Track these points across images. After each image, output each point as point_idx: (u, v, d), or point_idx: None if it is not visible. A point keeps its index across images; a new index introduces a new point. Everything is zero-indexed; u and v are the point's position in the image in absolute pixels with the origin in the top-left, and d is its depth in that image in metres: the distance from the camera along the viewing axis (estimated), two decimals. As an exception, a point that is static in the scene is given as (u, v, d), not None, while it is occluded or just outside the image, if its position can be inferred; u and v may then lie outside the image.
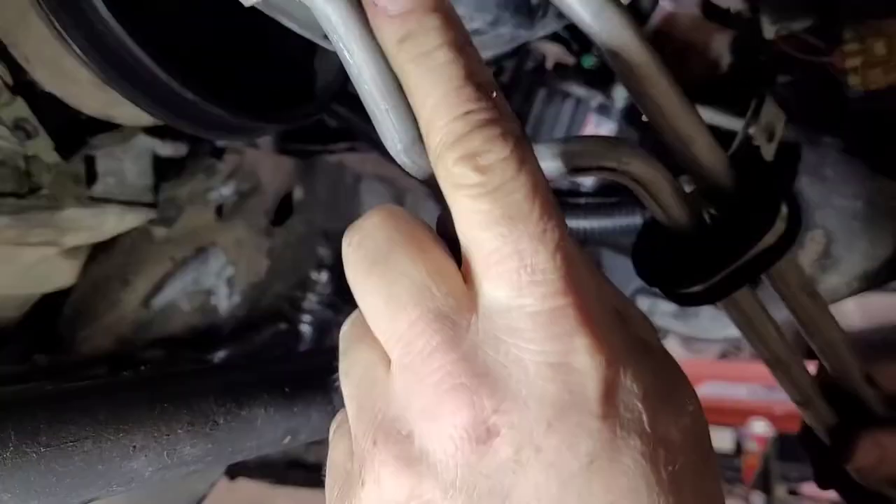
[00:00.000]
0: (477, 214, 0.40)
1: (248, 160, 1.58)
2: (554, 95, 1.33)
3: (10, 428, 0.53)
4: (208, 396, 0.65)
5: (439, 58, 0.41)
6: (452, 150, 0.40)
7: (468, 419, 0.39)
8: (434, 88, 0.41)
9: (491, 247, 0.40)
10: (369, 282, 0.44)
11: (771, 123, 0.64)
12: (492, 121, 0.40)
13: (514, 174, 0.40)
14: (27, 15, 0.88)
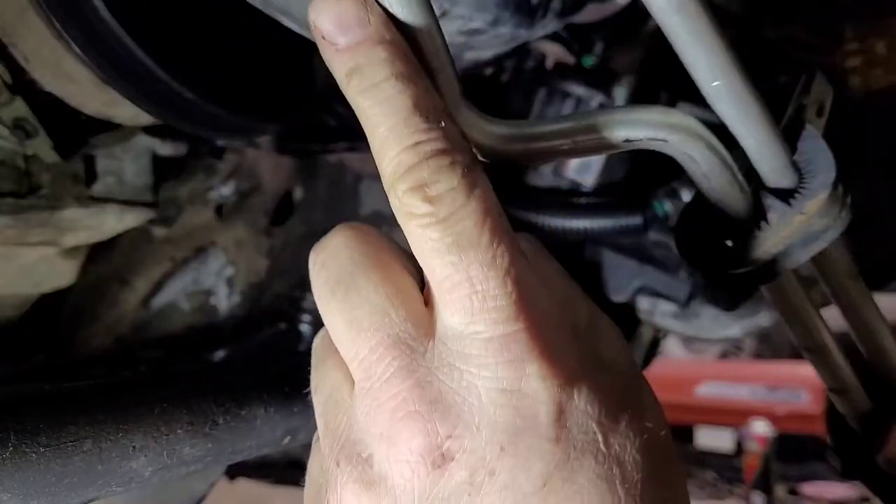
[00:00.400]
0: (428, 243, 0.41)
1: (248, 160, 1.58)
2: (554, 95, 1.33)
3: (10, 428, 0.53)
4: (208, 396, 0.65)
5: (387, 90, 0.42)
6: (403, 180, 0.41)
7: (422, 445, 0.41)
8: (383, 120, 0.42)
9: (443, 274, 0.42)
10: (332, 303, 0.47)
11: (821, 98, 0.62)
12: (440, 151, 0.41)
13: (463, 202, 0.41)
14: (26, 14, 0.88)
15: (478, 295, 0.41)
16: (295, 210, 1.78)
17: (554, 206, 1.22)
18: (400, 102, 0.42)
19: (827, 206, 0.56)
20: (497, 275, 0.41)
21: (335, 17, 0.43)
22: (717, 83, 0.52)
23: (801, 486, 4.70)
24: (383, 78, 0.42)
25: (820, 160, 0.57)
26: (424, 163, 0.41)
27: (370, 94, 0.43)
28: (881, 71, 1.09)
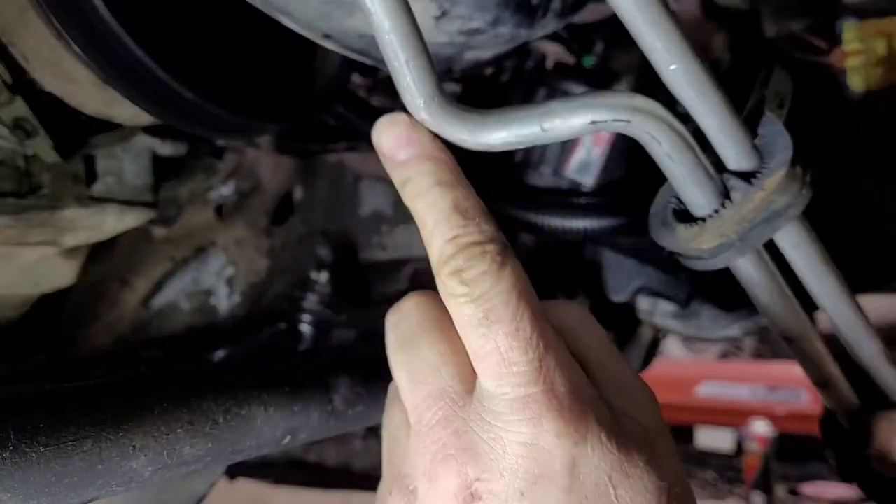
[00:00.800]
0: (464, 317, 0.51)
1: (248, 160, 1.58)
2: (554, 95, 1.33)
3: (10, 428, 0.53)
4: (208, 396, 0.65)
5: (432, 195, 0.54)
6: (444, 266, 0.52)
7: (456, 485, 0.49)
8: (430, 218, 0.53)
9: (476, 344, 0.51)
10: (399, 357, 0.56)
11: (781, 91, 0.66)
12: (474, 242, 0.52)
13: (493, 284, 0.50)
14: (26, 14, 0.88)
15: (504, 362, 0.49)
16: (295, 210, 1.78)
17: (554, 206, 1.22)
18: (442, 205, 0.53)
19: (786, 184, 0.59)
20: (520, 345, 0.49)
21: (392, 139, 0.56)
22: (674, 66, 0.55)
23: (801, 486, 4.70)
24: (429, 186, 0.54)
25: (779, 142, 0.60)
26: (461, 252, 0.51)
27: (420, 199, 0.54)
28: (881, 70, 1.10)
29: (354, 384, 0.77)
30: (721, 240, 0.61)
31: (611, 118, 0.54)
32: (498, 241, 0.53)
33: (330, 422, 0.75)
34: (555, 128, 0.55)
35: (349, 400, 0.76)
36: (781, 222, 0.61)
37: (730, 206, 0.60)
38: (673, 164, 0.58)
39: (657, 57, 0.55)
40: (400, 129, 0.56)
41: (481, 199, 0.56)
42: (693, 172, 0.59)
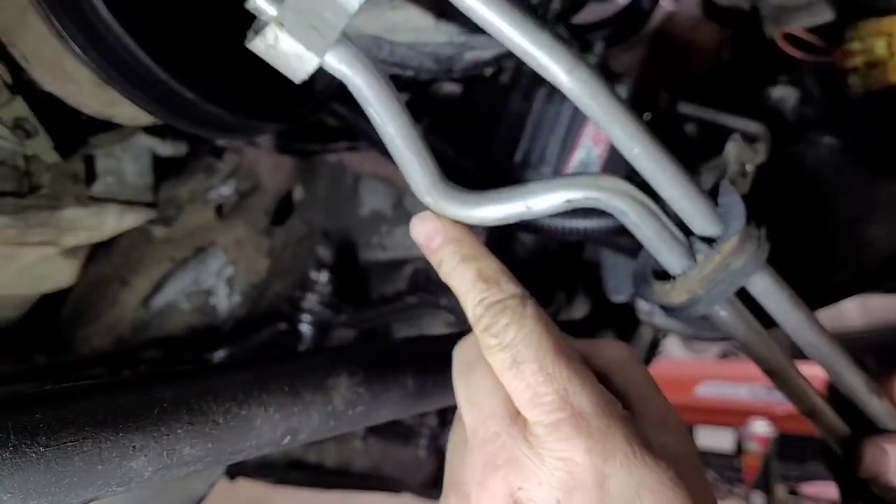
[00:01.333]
0: (498, 363, 0.61)
1: (248, 159, 1.58)
2: (554, 95, 1.33)
3: (10, 428, 0.53)
4: (208, 396, 0.65)
5: (460, 269, 0.66)
6: (477, 325, 0.63)
7: (503, 491, 0.58)
8: (461, 288, 0.65)
9: (511, 384, 0.60)
10: (460, 383, 0.67)
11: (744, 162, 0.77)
12: (496, 301, 0.63)
13: (516, 332, 0.61)
14: (26, 14, 0.88)
15: (535, 395, 0.59)
16: (295, 210, 1.78)
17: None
18: (468, 276, 0.65)
19: (740, 247, 0.68)
20: (545, 378, 0.59)
21: (423, 232, 0.68)
22: (637, 150, 0.65)
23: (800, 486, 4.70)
24: (456, 263, 0.66)
25: (734, 210, 0.69)
26: (487, 311, 0.62)
27: (451, 275, 0.66)
28: (882, 71, 1.10)
29: (354, 384, 0.77)
30: (689, 295, 0.71)
31: (582, 196, 0.65)
32: (517, 296, 0.63)
33: (330, 422, 0.75)
34: (537, 205, 0.66)
35: (349, 400, 0.76)
36: (741, 279, 0.70)
37: (694, 267, 0.69)
38: (640, 230, 0.68)
39: (620, 144, 0.65)
40: (427, 223, 0.68)
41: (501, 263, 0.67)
42: (659, 237, 0.69)
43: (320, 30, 0.57)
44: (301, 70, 0.58)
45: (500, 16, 0.60)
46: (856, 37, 1.11)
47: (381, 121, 0.62)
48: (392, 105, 0.62)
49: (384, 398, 0.80)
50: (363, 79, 0.60)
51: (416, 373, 0.84)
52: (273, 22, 0.55)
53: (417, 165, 0.64)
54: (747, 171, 0.76)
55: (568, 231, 1.23)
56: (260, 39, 0.56)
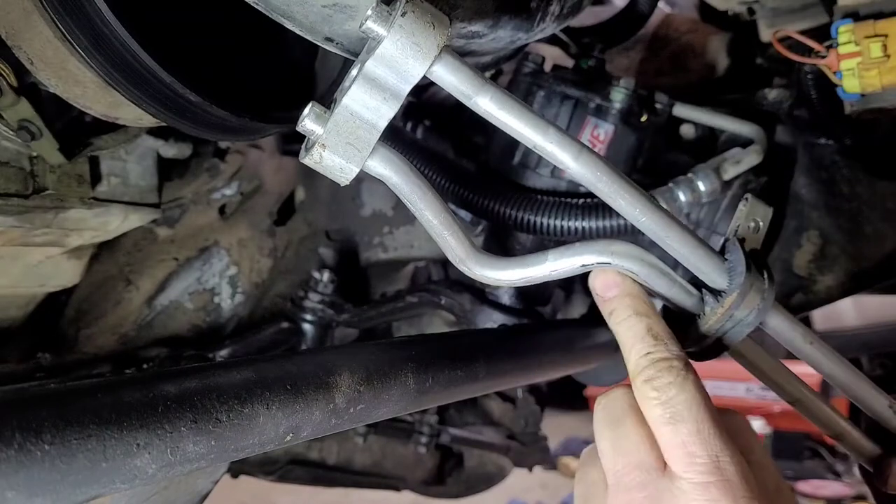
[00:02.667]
0: (655, 416, 0.65)
1: (251, 161, 1.59)
2: (552, 97, 1.34)
3: (15, 426, 0.53)
4: (211, 394, 0.65)
5: (631, 321, 0.71)
6: (639, 376, 0.67)
7: None
8: (628, 338, 0.70)
9: (665, 438, 0.64)
10: (606, 431, 0.68)
11: (757, 216, 0.80)
12: (662, 358, 0.67)
13: (677, 392, 0.64)
14: (32, 17, 0.89)
15: (689, 454, 0.62)
16: (297, 210, 1.79)
17: (553, 207, 1.23)
18: (638, 329, 0.70)
19: (742, 300, 0.73)
20: (701, 440, 0.62)
21: (602, 282, 0.74)
22: (644, 219, 0.72)
23: (796, 483, 4.70)
24: (628, 315, 0.71)
25: (738, 267, 0.74)
26: (652, 365, 0.67)
27: (621, 325, 0.71)
28: (876, 73, 1.10)
29: (355, 382, 0.77)
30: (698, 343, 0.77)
31: (596, 261, 0.73)
32: (682, 359, 0.68)
33: (331, 419, 0.76)
34: (556, 269, 0.73)
35: (350, 398, 0.76)
36: (747, 328, 0.75)
37: (702, 318, 0.75)
38: (652, 287, 0.75)
39: (627, 214, 0.72)
40: (608, 275, 0.74)
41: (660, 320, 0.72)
42: (669, 291, 0.75)
43: (357, 145, 0.67)
44: (344, 178, 0.68)
45: (516, 118, 0.70)
46: (851, 39, 1.11)
47: (418, 209, 0.71)
48: (426, 194, 0.70)
49: (385, 396, 0.81)
50: (399, 178, 0.69)
51: (416, 371, 0.85)
52: (318, 143, 0.66)
53: (454, 241, 0.72)
54: (760, 227, 0.79)
55: (566, 231, 1.24)
56: (309, 157, 0.66)
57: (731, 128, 1.39)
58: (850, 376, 0.84)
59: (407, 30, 0.64)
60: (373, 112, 0.67)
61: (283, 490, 2.24)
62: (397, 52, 0.65)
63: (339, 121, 0.66)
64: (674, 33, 1.68)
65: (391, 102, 0.67)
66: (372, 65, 0.65)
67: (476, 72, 0.69)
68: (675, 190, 1.26)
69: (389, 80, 0.66)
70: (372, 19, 0.64)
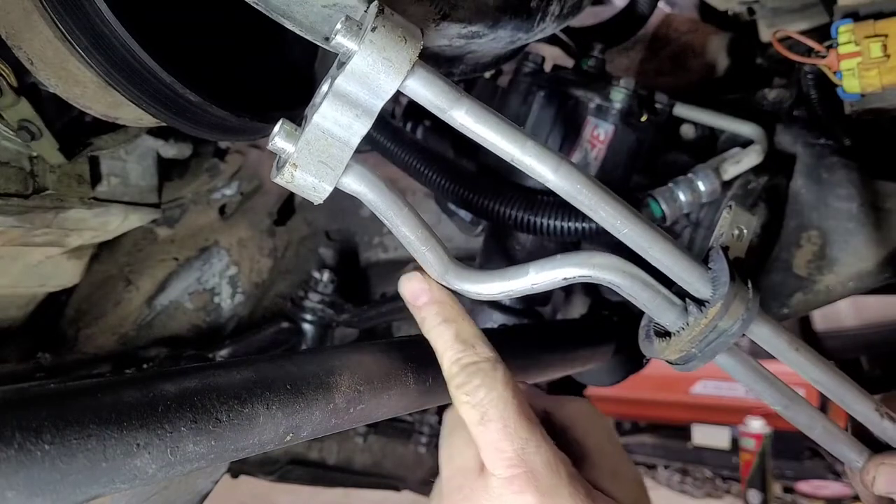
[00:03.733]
0: (468, 418, 0.68)
1: (251, 161, 1.59)
2: (552, 97, 1.34)
3: (14, 426, 0.53)
4: (211, 394, 0.65)
5: (440, 329, 0.73)
6: (451, 381, 0.70)
7: None
8: (439, 345, 0.73)
9: (479, 439, 0.67)
10: (444, 442, 0.75)
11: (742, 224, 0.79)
12: (470, 363, 0.70)
13: (486, 393, 0.68)
14: (32, 17, 0.89)
15: (496, 450, 0.66)
16: (297, 210, 1.79)
17: (552, 207, 1.23)
18: (447, 335, 0.72)
19: (724, 312, 0.73)
20: (507, 436, 0.66)
21: (409, 291, 0.75)
22: (625, 230, 0.72)
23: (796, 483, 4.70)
24: (437, 323, 0.73)
25: (721, 277, 0.74)
26: (461, 370, 0.70)
27: (431, 332, 0.73)
28: (876, 73, 1.10)
29: (356, 382, 0.77)
30: (682, 353, 0.77)
31: (577, 274, 0.72)
32: (489, 360, 0.71)
33: (331, 420, 0.76)
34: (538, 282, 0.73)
35: (350, 398, 0.76)
36: (731, 338, 0.75)
37: (686, 328, 0.74)
38: (635, 298, 0.74)
39: (608, 225, 0.73)
40: (414, 283, 0.75)
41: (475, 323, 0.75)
42: (652, 302, 0.75)
43: (329, 164, 0.67)
44: (317, 196, 0.67)
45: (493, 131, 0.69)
46: (851, 39, 1.11)
47: (394, 225, 0.71)
48: (402, 210, 0.71)
49: (385, 396, 0.81)
50: (374, 194, 0.69)
51: (416, 371, 0.85)
52: (289, 161, 0.65)
53: (432, 257, 0.73)
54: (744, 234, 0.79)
55: (566, 231, 1.24)
56: (280, 177, 0.66)
57: (731, 128, 1.39)
58: (837, 381, 0.83)
59: (378, 45, 0.63)
60: (345, 129, 0.66)
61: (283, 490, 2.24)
62: (368, 67, 0.64)
63: (310, 139, 0.66)
64: (674, 33, 1.68)
65: (363, 119, 0.66)
66: (342, 81, 0.64)
67: (450, 84, 0.68)
68: (675, 190, 1.26)
69: (361, 97, 0.65)
70: (341, 34, 0.63)
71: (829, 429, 0.86)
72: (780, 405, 0.84)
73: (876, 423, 0.85)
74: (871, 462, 0.86)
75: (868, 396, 0.84)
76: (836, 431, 0.87)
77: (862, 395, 0.84)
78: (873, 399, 0.84)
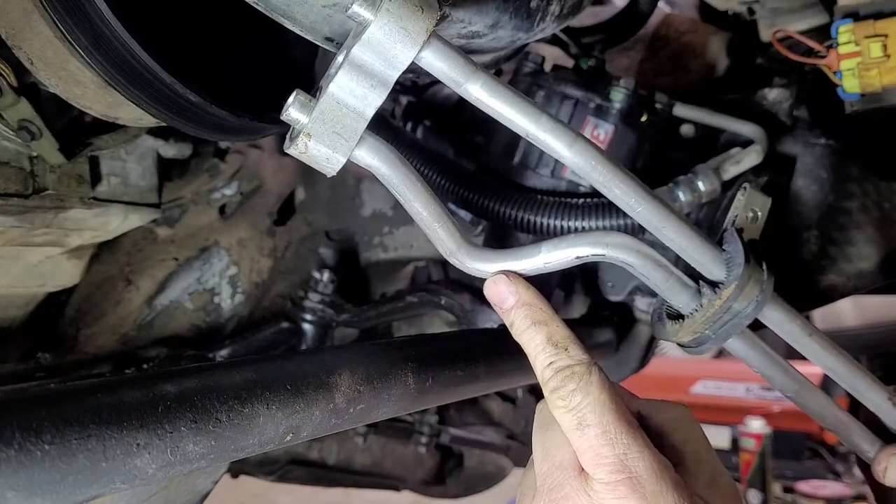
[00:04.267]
0: (565, 423, 0.67)
1: (251, 161, 1.59)
2: (552, 97, 1.34)
3: (15, 426, 0.53)
4: (211, 394, 0.66)
5: (531, 332, 0.71)
6: (546, 386, 0.69)
7: None
8: (531, 349, 0.71)
9: (576, 443, 0.66)
10: (539, 434, 0.72)
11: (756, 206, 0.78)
12: (564, 367, 0.68)
13: (583, 398, 0.66)
14: (32, 17, 0.89)
15: (597, 456, 0.65)
16: (297, 210, 1.79)
17: (553, 207, 1.23)
18: (538, 339, 0.70)
19: (740, 292, 0.72)
20: (608, 441, 0.64)
21: (496, 294, 0.73)
22: (639, 209, 0.71)
23: (796, 483, 4.70)
24: (527, 327, 0.71)
25: (736, 258, 0.73)
26: (556, 374, 0.68)
27: (522, 336, 0.71)
28: (876, 73, 1.10)
29: (356, 382, 0.77)
30: (695, 335, 0.76)
31: (590, 253, 0.71)
32: (584, 363, 0.69)
33: (331, 419, 0.76)
34: (550, 261, 0.73)
35: (350, 398, 0.76)
36: (745, 320, 0.74)
37: (700, 310, 0.74)
38: (648, 279, 0.74)
39: (623, 203, 0.72)
40: (501, 286, 0.73)
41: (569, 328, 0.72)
42: (665, 283, 0.74)
43: (343, 135, 0.65)
44: (331, 168, 0.66)
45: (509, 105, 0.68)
46: (851, 39, 1.11)
47: (406, 200, 0.70)
48: (415, 185, 0.69)
49: (385, 396, 0.81)
50: (388, 168, 0.68)
51: (416, 371, 0.85)
52: (303, 132, 0.64)
53: (444, 233, 0.71)
54: (759, 217, 0.78)
55: (566, 231, 1.24)
56: (294, 147, 0.65)
57: (731, 128, 1.39)
58: (850, 368, 0.83)
59: (395, 14, 0.62)
60: (360, 100, 0.65)
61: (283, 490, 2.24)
62: (384, 37, 0.63)
63: (324, 109, 0.65)
64: (674, 33, 1.68)
65: (379, 90, 0.65)
66: (358, 50, 0.63)
67: (466, 58, 0.67)
68: (675, 190, 1.26)
69: (376, 67, 0.64)
70: (358, 3, 0.62)
71: (841, 417, 0.86)
72: (792, 391, 0.84)
73: (888, 413, 0.85)
74: (883, 452, 0.86)
75: (881, 385, 0.84)
76: (847, 420, 0.87)
77: (875, 383, 0.84)
78: (886, 388, 0.84)
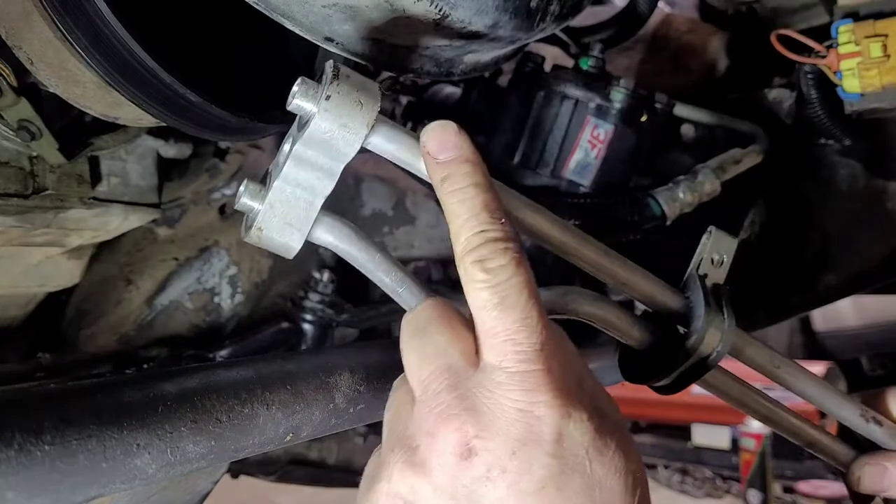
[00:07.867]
0: (481, 300, 0.59)
1: (251, 161, 1.59)
2: (552, 97, 1.33)
3: (15, 426, 0.53)
4: (211, 394, 0.66)
5: (468, 192, 0.63)
6: (469, 255, 0.61)
7: (456, 439, 0.56)
8: (462, 213, 0.62)
9: (489, 325, 0.59)
10: (411, 342, 0.63)
11: (721, 250, 0.80)
12: (497, 238, 0.61)
13: (510, 276, 0.59)
14: (32, 17, 0.89)
15: (511, 341, 0.58)
16: (297, 210, 1.78)
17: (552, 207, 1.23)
18: (475, 202, 0.62)
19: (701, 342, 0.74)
20: (527, 329, 0.58)
21: (438, 141, 0.65)
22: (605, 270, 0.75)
23: (796, 483, 4.71)
24: (466, 185, 0.63)
25: (697, 309, 0.76)
26: (485, 245, 0.60)
27: (455, 195, 0.63)
28: (876, 73, 1.10)
29: (356, 382, 0.77)
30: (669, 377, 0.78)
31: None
32: (517, 242, 0.62)
33: (331, 420, 0.76)
34: None
35: (350, 398, 0.77)
36: (710, 366, 0.77)
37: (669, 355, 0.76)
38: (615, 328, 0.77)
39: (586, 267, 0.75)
40: (448, 134, 0.65)
41: None
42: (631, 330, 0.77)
43: (295, 224, 0.66)
44: (287, 254, 0.67)
45: None
46: (851, 39, 1.11)
47: (368, 271, 0.69)
48: (374, 256, 0.69)
49: (385, 396, 0.81)
50: (346, 244, 0.68)
51: (416, 371, 0.85)
52: (254, 225, 0.65)
53: (407, 295, 0.69)
54: (724, 261, 0.79)
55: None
56: (248, 237, 0.66)
57: (731, 127, 1.39)
58: (821, 390, 0.86)
59: (333, 113, 0.63)
60: (308, 191, 0.66)
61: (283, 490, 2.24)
62: (326, 134, 0.64)
63: (273, 202, 0.65)
64: (674, 33, 1.68)
65: (326, 181, 0.66)
66: (301, 148, 0.65)
67: (415, 138, 0.68)
68: (675, 190, 1.26)
69: (321, 160, 0.66)
70: (299, 96, 0.63)
71: (815, 436, 0.90)
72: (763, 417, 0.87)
73: (863, 428, 0.87)
74: (856, 463, 0.89)
75: (853, 402, 0.87)
76: (820, 436, 0.90)
77: (847, 400, 0.87)
78: (859, 404, 0.87)
